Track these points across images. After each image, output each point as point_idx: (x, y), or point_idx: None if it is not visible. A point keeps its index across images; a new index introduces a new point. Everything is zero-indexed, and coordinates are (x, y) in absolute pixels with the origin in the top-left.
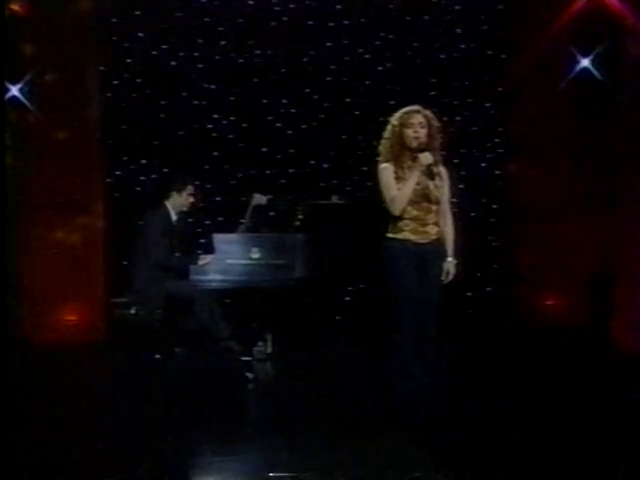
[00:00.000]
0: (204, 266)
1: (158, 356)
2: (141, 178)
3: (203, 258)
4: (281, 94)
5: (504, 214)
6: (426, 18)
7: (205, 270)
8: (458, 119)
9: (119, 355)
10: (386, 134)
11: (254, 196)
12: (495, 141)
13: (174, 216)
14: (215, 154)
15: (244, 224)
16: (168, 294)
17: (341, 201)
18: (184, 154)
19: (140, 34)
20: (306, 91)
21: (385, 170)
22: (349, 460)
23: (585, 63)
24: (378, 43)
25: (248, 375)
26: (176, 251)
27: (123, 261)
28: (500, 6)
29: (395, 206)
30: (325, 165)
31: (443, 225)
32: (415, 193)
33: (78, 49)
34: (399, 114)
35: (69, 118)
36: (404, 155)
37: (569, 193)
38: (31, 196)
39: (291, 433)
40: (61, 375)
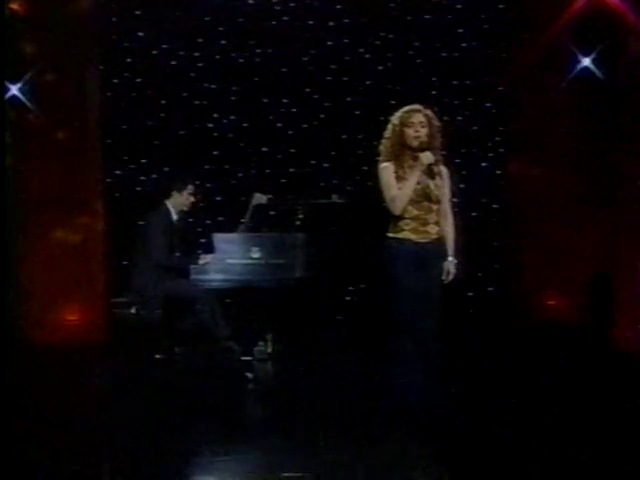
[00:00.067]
0: (204, 266)
1: (158, 356)
2: (141, 178)
3: (203, 258)
4: (281, 93)
5: (505, 214)
6: (427, 17)
7: (205, 270)
8: (459, 118)
9: (119, 355)
10: (386, 133)
11: (254, 195)
12: (496, 140)
13: (174, 216)
14: (215, 153)
15: (244, 224)
16: (168, 294)
17: (341, 201)
18: (184, 153)
19: (140, 33)
20: (306, 90)
21: (385, 169)
22: (349, 460)
23: (586, 62)
24: (378, 42)
25: (248, 375)
26: (176, 251)
27: (123, 261)
28: (501, 5)
29: (395, 205)
30: (325, 165)
31: (444, 225)
32: (416, 192)
33: (78, 48)
34: (400, 113)
35: (69, 117)
36: (405, 154)
37: (570, 192)
38: (31, 196)
39: (291, 433)
40: (61, 375)
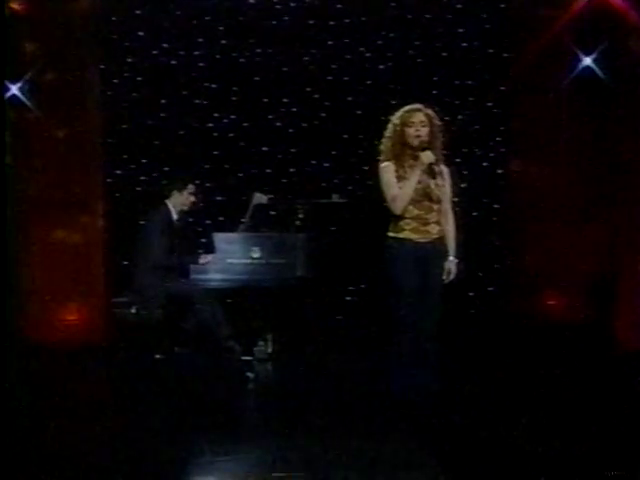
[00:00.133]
0: (205, 265)
1: (158, 356)
2: (142, 177)
3: (204, 257)
4: (282, 93)
5: (506, 213)
6: (428, 16)
7: (206, 269)
8: (460, 118)
9: (119, 355)
10: (387, 133)
11: (255, 195)
12: (497, 140)
13: (175, 215)
14: (216, 153)
15: (245, 223)
16: (169, 293)
17: (342, 200)
18: (185, 153)
19: (141, 33)
20: (307, 90)
21: (386, 169)
22: (349, 460)
23: (588, 62)
24: (379, 42)
25: (249, 375)
26: (177, 250)
27: (123, 260)
28: (502, 4)
29: (396, 205)
30: (326, 164)
31: (444, 224)
32: (416, 192)
33: (78, 48)
34: (400, 113)
35: (69, 117)
36: (405, 154)
37: (571, 192)
38: (31, 196)
39: (291, 433)
40: (61, 375)
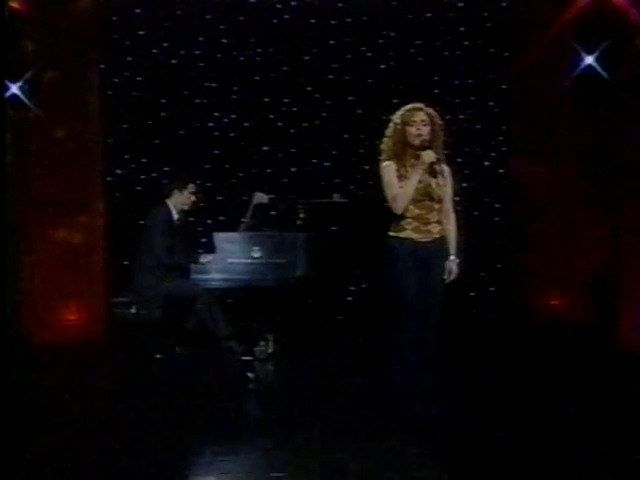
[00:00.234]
0: (205, 265)
1: (159, 355)
2: (142, 177)
3: (204, 257)
4: (283, 92)
5: (507, 213)
6: (429, 15)
7: (206, 269)
8: (461, 117)
9: (120, 355)
10: (388, 132)
11: (255, 195)
12: (498, 139)
13: (175, 215)
14: (216, 152)
15: (245, 223)
16: (169, 293)
17: (343, 200)
18: (185, 152)
19: (141, 32)
20: (308, 89)
21: (387, 168)
22: (350, 460)
23: (589, 60)
24: (380, 41)
25: (249, 375)
26: (177, 250)
27: (124, 260)
28: (503, 3)
29: (397, 204)
30: (327, 164)
31: (446, 224)
32: (417, 191)
33: (78, 47)
34: (401, 112)
35: (69, 116)
36: (406, 153)
37: (573, 192)
38: (31, 195)
39: (292, 433)
40: (61, 375)
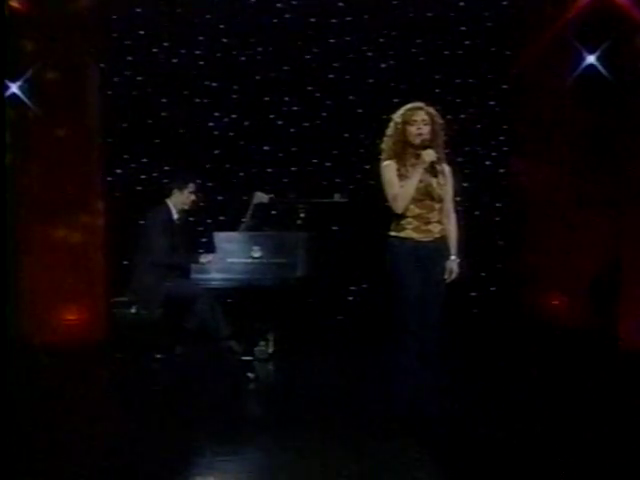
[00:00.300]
0: (205, 265)
1: (159, 355)
2: (142, 176)
3: (204, 257)
4: (283, 92)
5: (508, 213)
6: (429, 15)
7: (206, 269)
8: (462, 116)
9: (120, 355)
10: (389, 131)
11: (256, 194)
12: (499, 139)
13: (175, 214)
14: (216, 152)
15: (245, 223)
16: (169, 293)
17: (343, 199)
18: (185, 152)
19: (141, 31)
20: (308, 89)
21: (388, 168)
22: (350, 461)
23: (591, 60)
24: (381, 40)
25: (249, 375)
26: (177, 250)
27: (124, 260)
28: (505, 2)
29: (398, 204)
30: (327, 163)
31: (446, 223)
32: (418, 191)
33: (78, 46)
34: (402, 111)
35: (69, 116)
36: (407, 152)
37: (574, 192)
38: (31, 195)
39: (292, 433)
40: (61, 375)
